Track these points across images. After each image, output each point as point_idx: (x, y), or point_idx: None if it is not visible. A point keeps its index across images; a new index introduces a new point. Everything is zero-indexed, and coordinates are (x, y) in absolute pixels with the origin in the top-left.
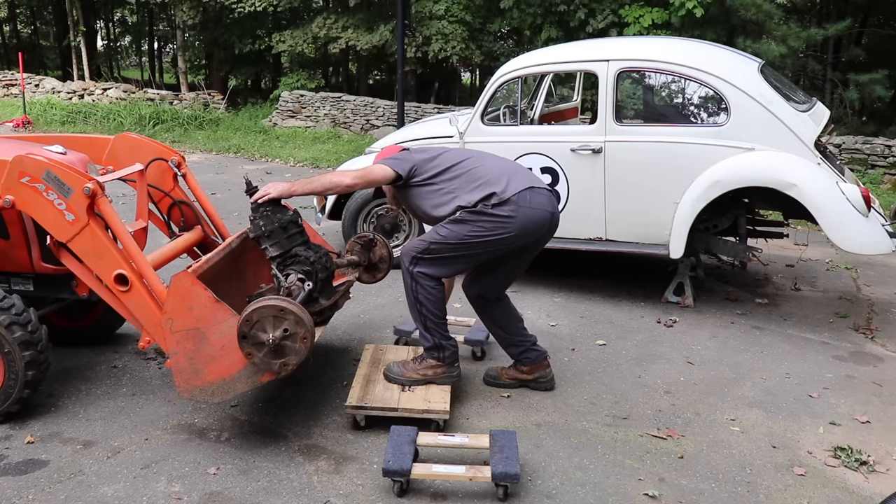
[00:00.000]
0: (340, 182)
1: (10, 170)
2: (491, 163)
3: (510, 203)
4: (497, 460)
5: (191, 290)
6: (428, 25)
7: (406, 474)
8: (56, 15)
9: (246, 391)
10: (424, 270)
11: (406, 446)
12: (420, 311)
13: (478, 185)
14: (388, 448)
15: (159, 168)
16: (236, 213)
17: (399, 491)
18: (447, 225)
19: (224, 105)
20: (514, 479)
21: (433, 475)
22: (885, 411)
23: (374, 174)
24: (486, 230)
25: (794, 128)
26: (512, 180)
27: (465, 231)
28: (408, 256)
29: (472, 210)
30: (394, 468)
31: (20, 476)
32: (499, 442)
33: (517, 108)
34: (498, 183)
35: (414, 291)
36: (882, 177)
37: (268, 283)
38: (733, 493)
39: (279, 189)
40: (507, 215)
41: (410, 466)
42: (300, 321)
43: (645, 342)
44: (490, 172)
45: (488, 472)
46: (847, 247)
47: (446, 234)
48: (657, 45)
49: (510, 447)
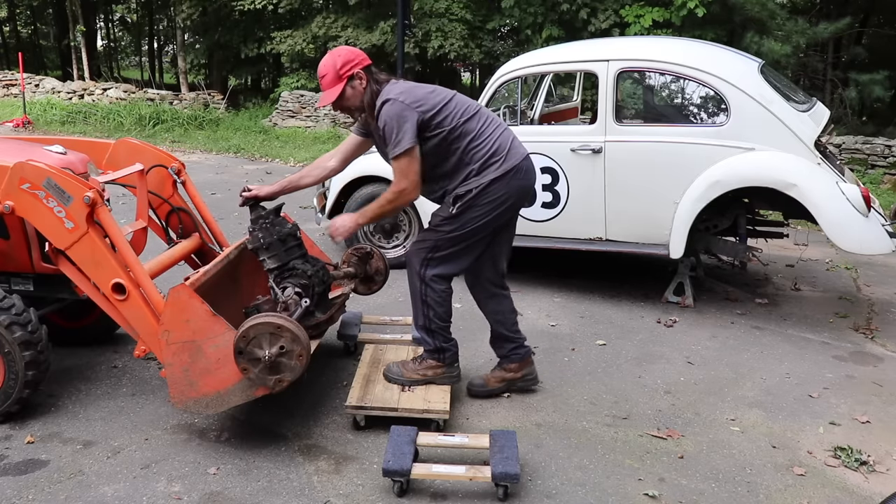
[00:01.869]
0: (403, 191)
1: (11, 176)
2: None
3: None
4: (497, 460)
5: (188, 302)
6: (428, 22)
7: (406, 474)
8: (56, 15)
9: (240, 404)
10: (437, 272)
11: (406, 446)
12: (426, 313)
13: (491, 158)
14: (388, 448)
15: (159, 174)
16: (236, 214)
17: (399, 491)
18: (451, 219)
19: (224, 105)
20: (514, 479)
21: (433, 475)
22: (885, 411)
23: (412, 168)
24: (491, 209)
25: (794, 128)
26: (512, 148)
27: (470, 216)
28: (417, 259)
29: (479, 192)
30: (394, 468)
31: (20, 476)
32: (499, 442)
33: (517, 108)
34: (509, 154)
35: (423, 294)
36: (882, 177)
37: (264, 294)
38: (733, 493)
39: (348, 227)
40: (504, 192)
41: (410, 466)
42: (296, 339)
43: (645, 342)
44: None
45: (488, 472)
46: (847, 247)
47: (452, 227)
48: (657, 45)
49: (510, 447)
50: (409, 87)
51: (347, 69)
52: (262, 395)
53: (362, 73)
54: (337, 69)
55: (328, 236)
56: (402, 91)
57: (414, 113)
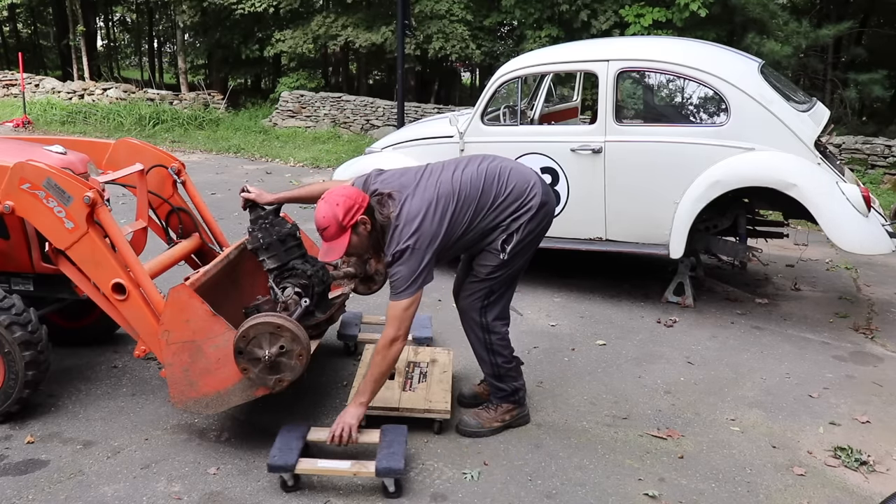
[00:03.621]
0: (395, 341)
1: (11, 176)
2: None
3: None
4: (383, 455)
5: (188, 303)
6: (429, 25)
7: (291, 469)
8: (56, 15)
9: (240, 404)
10: (496, 314)
11: (294, 442)
12: (494, 361)
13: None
14: (276, 444)
15: (159, 175)
16: (236, 214)
17: (284, 486)
18: (502, 265)
19: (224, 105)
20: (398, 473)
21: (318, 470)
22: (885, 411)
23: (409, 316)
24: (533, 238)
25: (794, 128)
26: None
27: (517, 251)
28: (474, 310)
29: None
30: (279, 463)
31: (20, 476)
32: (388, 437)
33: (517, 108)
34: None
35: (488, 343)
36: (882, 177)
37: (264, 294)
38: (733, 493)
39: (355, 423)
40: (540, 222)
41: (295, 462)
42: (296, 339)
43: (645, 342)
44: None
45: (373, 466)
46: (847, 247)
47: (504, 270)
48: (657, 45)
49: (398, 442)
50: (417, 224)
51: (350, 218)
52: (262, 394)
53: (365, 217)
54: (339, 221)
55: (330, 441)
56: (413, 232)
57: (431, 251)
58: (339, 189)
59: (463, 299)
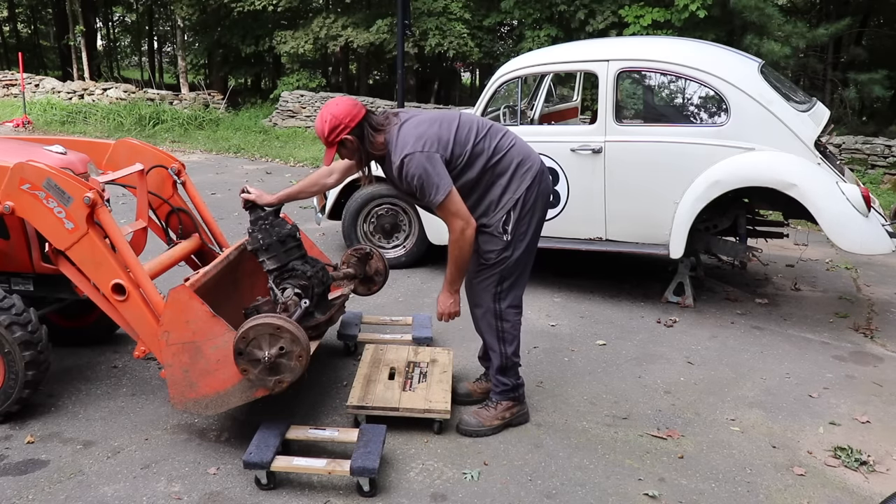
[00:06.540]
0: (463, 229)
1: (11, 176)
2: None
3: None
4: (359, 454)
5: (188, 303)
6: (425, 21)
7: (266, 466)
8: (56, 15)
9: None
10: (510, 301)
11: (272, 439)
12: (503, 351)
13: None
14: (253, 441)
15: (159, 175)
16: (236, 214)
17: (259, 483)
18: (507, 246)
19: (224, 105)
20: (371, 472)
21: (293, 468)
22: (885, 411)
23: (458, 205)
24: (531, 215)
25: (794, 128)
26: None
27: (519, 231)
28: (487, 298)
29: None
30: (254, 461)
31: (20, 476)
32: (366, 436)
33: (517, 108)
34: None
35: (500, 331)
36: (882, 177)
37: (264, 294)
38: (733, 493)
39: (454, 303)
40: (535, 197)
41: (271, 459)
42: (296, 340)
43: (645, 342)
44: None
45: (347, 465)
46: (847, 247)
47: (511, 252)
48: (657, 45)
49: (376, 442)
50: (419, 131)
51: (335, 136)
52: (261, 395)
53: (350, 137)
54: (325, 137)
55: (439, 319)
56: (417, 138)
57: (437, 155)
58: (335, 102)
59: (476, 284)
